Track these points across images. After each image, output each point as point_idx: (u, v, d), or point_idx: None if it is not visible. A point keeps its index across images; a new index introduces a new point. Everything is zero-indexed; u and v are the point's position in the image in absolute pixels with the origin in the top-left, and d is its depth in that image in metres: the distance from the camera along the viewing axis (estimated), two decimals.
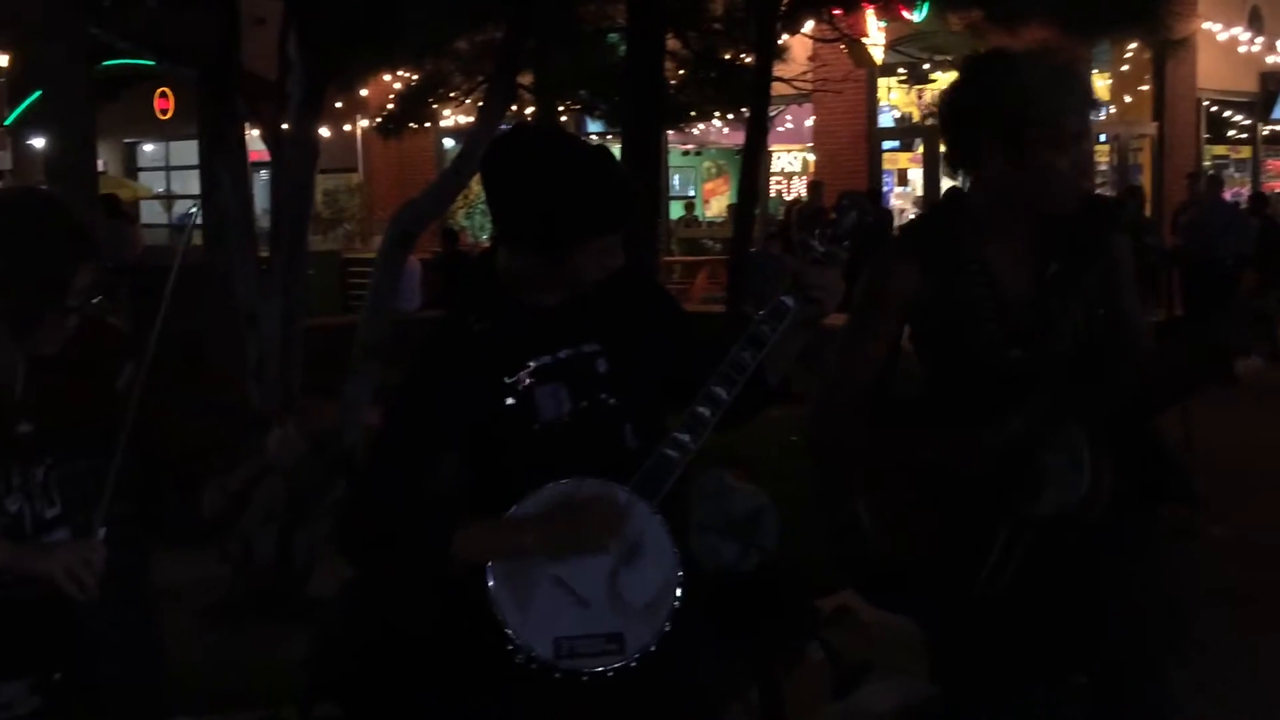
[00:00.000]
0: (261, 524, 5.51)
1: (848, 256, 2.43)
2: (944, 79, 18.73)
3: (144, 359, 2.37)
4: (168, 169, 28.35)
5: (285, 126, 5.75)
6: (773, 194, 21.45)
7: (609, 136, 18.38)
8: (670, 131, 16.02)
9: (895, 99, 19.63)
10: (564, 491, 2.35)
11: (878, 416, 2.74)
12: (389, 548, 2.40)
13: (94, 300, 2.39)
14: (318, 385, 5.75)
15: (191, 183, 26.61)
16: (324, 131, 8.23)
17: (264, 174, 10.57)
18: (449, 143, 23.03)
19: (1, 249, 2.27)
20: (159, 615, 2.55)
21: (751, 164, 11.56)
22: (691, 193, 24.16)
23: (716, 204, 23.74)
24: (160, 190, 28.28)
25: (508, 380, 2.38)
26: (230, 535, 5.53)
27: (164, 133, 26.11)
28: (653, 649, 2.33)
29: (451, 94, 16.14)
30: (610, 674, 2.31)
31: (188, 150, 24.56)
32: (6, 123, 25.98)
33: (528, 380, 2.39)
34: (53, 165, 7.17)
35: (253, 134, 6.36)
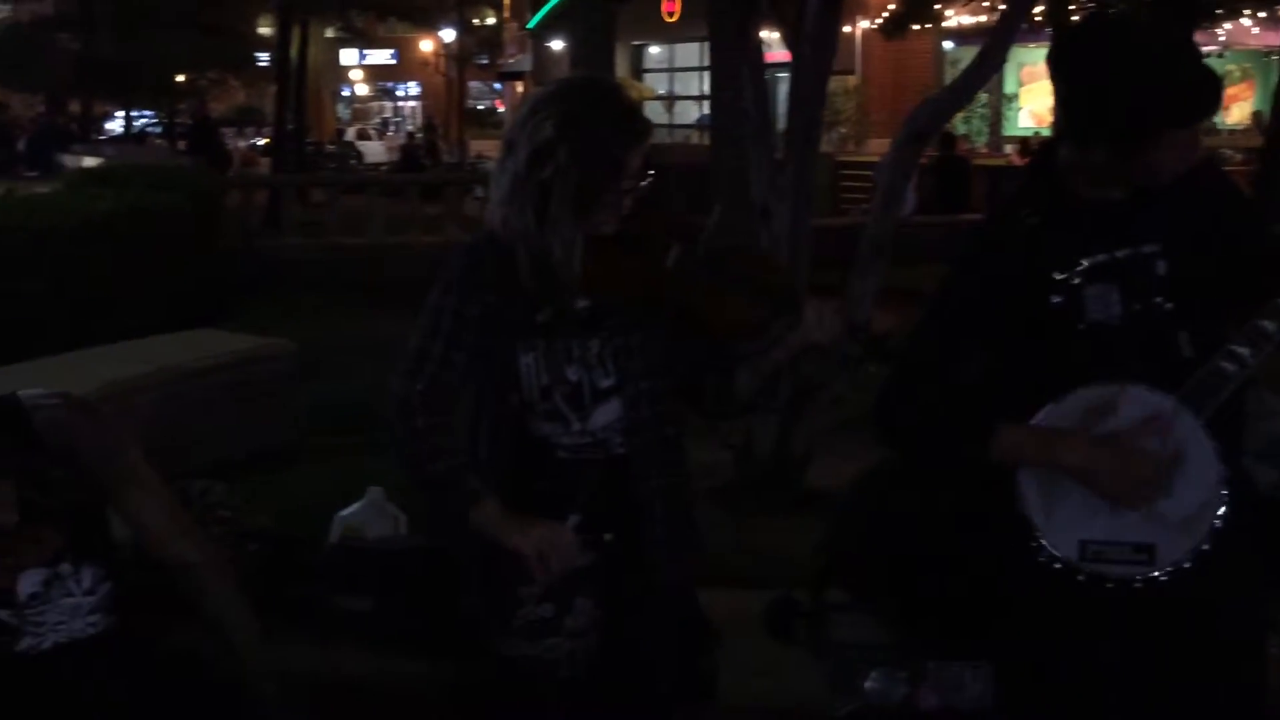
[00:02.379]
0: (763, 415, 5.67)
1: None
2: None
3: (701, 238, 2.47)
4: (670, 70, 29.36)
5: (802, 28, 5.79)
6: None
7: None
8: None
9: None
10: (1104, 395, 2.26)
11: None
12: (926, 433, 2.41)
13: (644, 183, 2.48)
14: (816, 283, 5.82)
15: (692, 84, 27.48)
16: None
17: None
18: (949, 45, 22.52)
19: (568, 132, 2.40)
20: (692, 485, 2.67)
21: None
22: None
23: (1238, 110, 22.05)
24: (663, 91, 29.35)
25: (1058, 277, 2.31)
26: (734, 423, 5.72)
27: (669, 35, 27.01)
28: (1186, 566, 2.23)
29: None
30: (1138, 584, 2.24)
31: (690, 52, 25.33)
32: (530, 26, 27.80)
33: (1078, 278, 2.30)
34: (576, 63, 7.60)
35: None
